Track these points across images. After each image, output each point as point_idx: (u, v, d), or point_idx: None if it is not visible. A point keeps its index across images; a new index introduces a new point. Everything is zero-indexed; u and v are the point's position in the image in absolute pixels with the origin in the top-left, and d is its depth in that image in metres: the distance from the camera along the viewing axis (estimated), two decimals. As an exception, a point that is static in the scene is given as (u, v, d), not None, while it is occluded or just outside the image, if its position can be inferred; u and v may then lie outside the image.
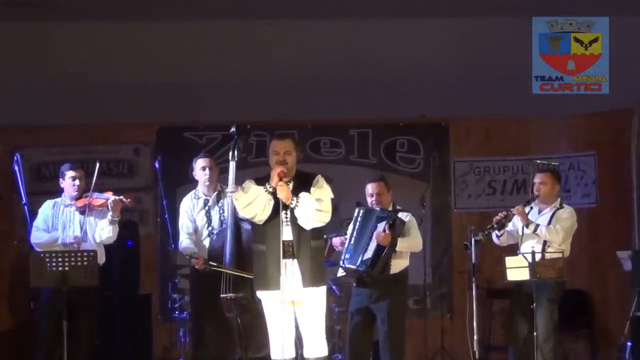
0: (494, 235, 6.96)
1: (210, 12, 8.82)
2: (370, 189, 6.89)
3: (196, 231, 6.86)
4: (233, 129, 6.51)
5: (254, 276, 5.82)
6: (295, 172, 5.75)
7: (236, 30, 9.10)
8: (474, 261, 6.92)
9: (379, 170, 9.17)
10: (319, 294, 5.71)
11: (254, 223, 5.73)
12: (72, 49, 9.13)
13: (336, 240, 7.00)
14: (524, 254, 6.70)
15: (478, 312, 6.99)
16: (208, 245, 6.74)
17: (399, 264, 6.82)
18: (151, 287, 9.16)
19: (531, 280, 6.62)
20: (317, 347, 5.73)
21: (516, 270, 6.67)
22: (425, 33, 9.11)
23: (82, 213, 6.89)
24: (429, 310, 9.13)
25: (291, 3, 8.68)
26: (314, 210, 5.55)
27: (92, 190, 6.83)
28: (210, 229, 6.82)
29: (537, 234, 6.84)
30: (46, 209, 7.03)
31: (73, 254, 6.55)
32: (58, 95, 9.22)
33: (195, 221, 6.86)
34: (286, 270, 5.55)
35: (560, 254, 6.72)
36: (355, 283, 6.91)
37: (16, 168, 7.09)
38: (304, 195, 5.59)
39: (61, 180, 7.04)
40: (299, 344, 5.83)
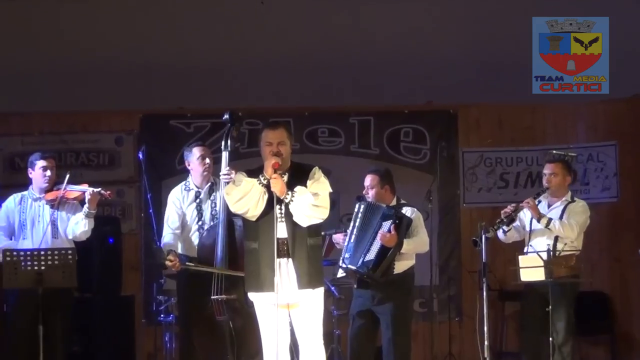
0: (500, 231, 6.99)
1: (198, -11, 8.98)
2: (365, 181, 6.94)
3: (184, 226, 6.81)
4: (226, 116, 6.49)
5: (245, 276, 5.79)
6: (290, 164, 5.74)
7: (227, 9, 9.14)
8: (484, 260, 6.91)
9: (381, 161, 9.22)
10: (316, 296, 5.69)
11: (245, 219, 5.72)
12: (49, 30, 9.16)
13: (338, 237, 7.00)
14: (538, 253, 6.71)
15: (489, 315, 6.94)
16: (197, 241, 6.71)
17: (403, 264, 6.82)
18: (134, 288, 9.15)
19: (547, 281, 6.63)
20: (314, 353, 5.70)
21: (530, 270, 6.69)
22: (432, 13, 9.15)
23: (52, 207, 6.87)
24: (436, 314, 9.14)
25: (287, -21, 8.84)
26: (310, 206, 5.53)
27: (63, 188, 6.79)
28: (200, 223, 6.78)
29: (550, 228, 6.86)
30: (10, 204, 6.96)
31: (49, 252, 6.55)
32: (33, 80, 9.24)
33: (185, 215, 6.82)
34: (280, 270, 5.54)
35: (574, 251, 6.76)
36: (356, 284, 6.92)
37: (-13, 159, 7.08)
38: (299, 189, 5.57)
39: (30, 170, 6.99)
40: (294, 350, 5.80)
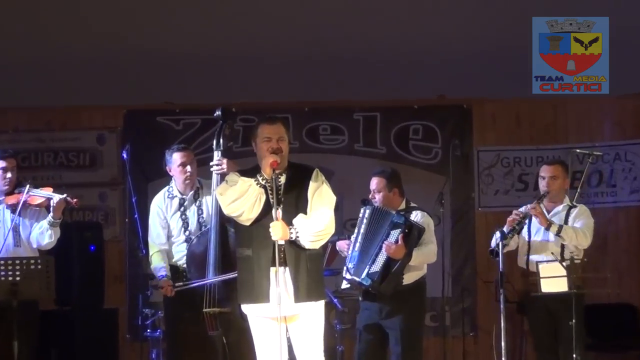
0: (493, 240, 6.99)
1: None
2: (371, 184, 6.94)
3: (169, 237, 6.87)
4: (218, 112, 6.51)
5: (238, 286, 5.77)
6: (287, 164, 5.74)
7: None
8: (501, 269, 6.86)
9: (388, 161, 9.22)
10: (316, 309, 5.69)
11: (237, 223, 5.71)
12: (24, 20, 9.07)
13: (341, 244, 6.99)
14: (560, 261, 6.73)
15: (507, 330, 6.89)
16: (186, 251, 6.73)
17: (413, 274, 6.84)
18: (118, 301, 9.18)
19: (570, 292, 6.66)
20: (314, 371, 5.68)
21: (552, 280, 6.69)
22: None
23: (13, 212, 6.85)
24: (449, 328, 9.18)
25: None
26: (314, 235, 5.58)
27: (25, 192, 6.76)
28: (187, 233, 6.84)
29: (562, 236, 6.89)
30: None
31: (25, 261, 6.55)
32: (7, 72, 9.18)
33: (170, 225, 6.87)
34: (277, 280, 5.54)
35: (580, 260, 6.79)
36: (361, 296, 6.94)
37: (-45, 159, 7.05)
38: (299, 222, 5.57)
39: None
40: (293, 367, 5.78)
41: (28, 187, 6.79)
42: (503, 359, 6.87)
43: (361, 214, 6.87)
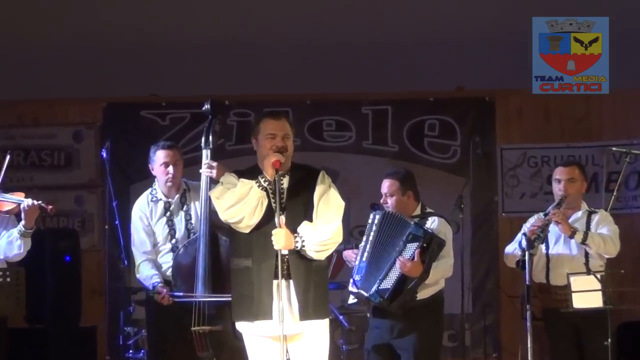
0: (510, 246, 7.09)
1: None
2: (382, 187, 6.91)
3: (154, 246, 6.86)
4: (207, 106, 6.51)
5: (233, 301, 5.76)
6: (290, 164, 5.74)
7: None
8: (528, 282, 6.84)
9: (401, 161, 9.23)
10: (321, 328, 5.70)
11: (233, 230, 5.68)
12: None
13: (348, 254, 6.98)
14: (594, 273, 6.74)
15: (534, 350, 6.82)
16: (172, 263, 6.71)
17: (430, 289, 6.79)
18: (97, 318, 9.17)
19: (605, 308, 6.66)
20: (317, 397, 5.69)
21: (585, 294, 6.69)
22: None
23: None
24: (469, 349, 9.12)
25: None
26: (320, 244, 5.59)
27: None
28: (174, 242, 6.82)
29: (588, 244, 6.90)
30: None
31: (-7, 274, 6.51)
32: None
33: (155, 232, 6.86)
34: (280, 294, 5.51)
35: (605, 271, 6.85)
36: (370, 313, 6.88)
37: None
38: (304, 230, 5.58)
39: None
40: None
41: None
42: (529, 383, 6.79)
43: (370, 220, 6.83)
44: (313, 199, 5.64)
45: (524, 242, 6.84)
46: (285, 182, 5.65)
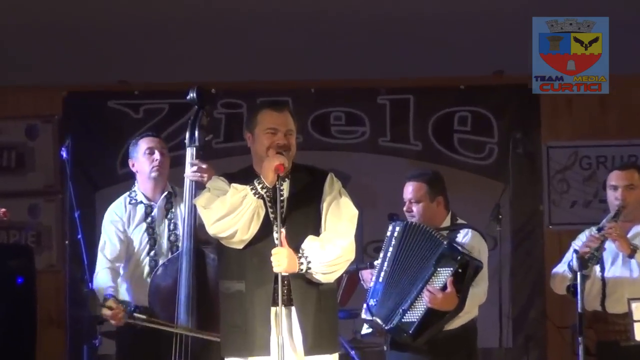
0: (560, 266, 7.06)
1: None
2: (405, 192, 6.82)
3: (130, 258, 6.73)
4: (193, 94, 6.42)
5: (222, 333, 5.74)
6: (292, 165, 5.67)
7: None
8: (580, 310, 6.66)
9: (425, 162, 9.26)
10: (328, 364, 5.65)
11: (223, 247, 5.62)
12: None
13: (365, 274, 6.84)
14: (661, 300, 6.67)
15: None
16: (149, 283, 6.60)
17: (460, 318, 6.58)
18: (55, 352, 9.21)
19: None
20: None
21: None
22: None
23: None
24: (510, 391, 9.07)
25: None
26: (329, 264, 5.53)
27: None
28: (152, 254, 6.74)
29: None
30: None
31: None
32: None
33: (132, 242, 6.74)
34: (279, 324, 5.44)
35: None
36: (388, 345, 6.71)
37: None
38: (310, 245, 5.51)
39: None
40: None
41: None
42: None
43: (389, 233, 6.62)
44: (320, 208, 5.63)
45: (575, 263, 6.68)
46: (285, 187, 5.61)
